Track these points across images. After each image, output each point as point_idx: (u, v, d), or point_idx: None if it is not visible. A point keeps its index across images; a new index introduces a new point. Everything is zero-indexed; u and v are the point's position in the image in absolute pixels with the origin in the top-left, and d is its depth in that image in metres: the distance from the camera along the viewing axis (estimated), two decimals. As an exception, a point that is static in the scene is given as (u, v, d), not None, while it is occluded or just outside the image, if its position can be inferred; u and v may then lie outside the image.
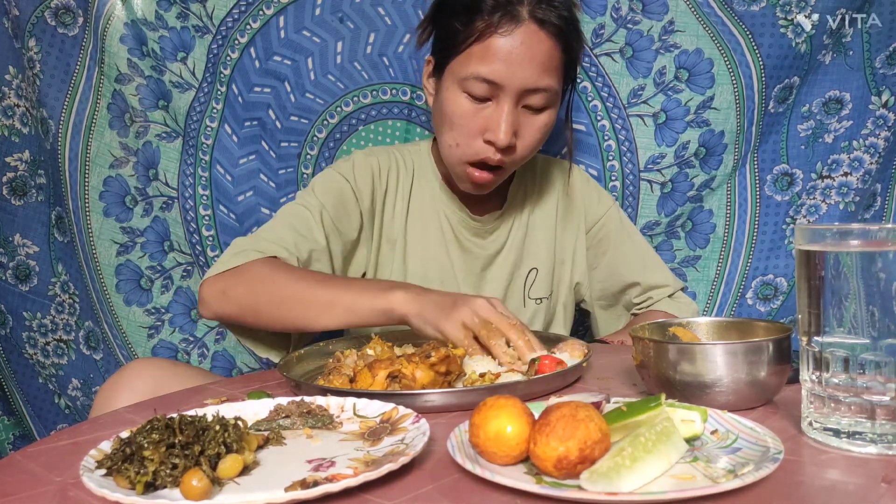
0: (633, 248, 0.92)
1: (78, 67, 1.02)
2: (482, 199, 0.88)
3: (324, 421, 0.50)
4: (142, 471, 0.39)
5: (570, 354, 0.66)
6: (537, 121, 0.76)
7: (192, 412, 0.46)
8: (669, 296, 0.92)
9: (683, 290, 0.96)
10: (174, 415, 0.44)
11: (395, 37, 1.01)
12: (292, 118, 1.04)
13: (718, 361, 0.50)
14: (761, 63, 0.96)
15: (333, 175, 0.83)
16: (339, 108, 1.03)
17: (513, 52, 0.71)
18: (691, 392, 0.51)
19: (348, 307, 0.68)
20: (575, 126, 1.01)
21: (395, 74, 1.02)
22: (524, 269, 0.89)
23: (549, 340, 0.74)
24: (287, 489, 0.38)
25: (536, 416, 0.42)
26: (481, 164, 0.76)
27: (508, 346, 0.63)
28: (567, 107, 0.84)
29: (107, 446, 0.44)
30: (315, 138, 1.04)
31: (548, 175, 0.92)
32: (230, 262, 0.73)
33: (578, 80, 1.00)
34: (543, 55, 0.72)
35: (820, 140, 1.02)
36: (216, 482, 0.40)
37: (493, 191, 0.87)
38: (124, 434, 0.44)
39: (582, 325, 1.11)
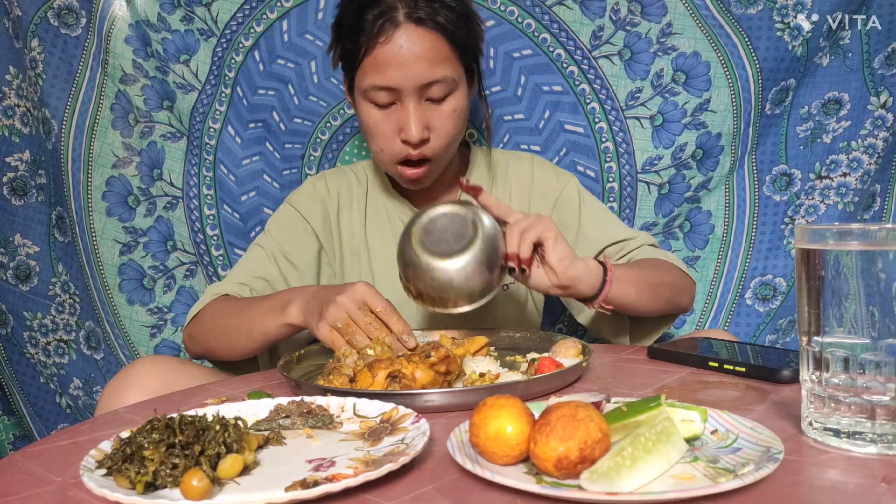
0: (600, 213, 0.91)
1: (81, 68, 1.02)
2: (433, 199, 0.90)
3: (324, 421, 0.51)
4: (142, 471, 0.39)
5: (566, 354, 0.67)
6: (444, 109, 0.79)
7: (192, 412, 0.46)
8: (643, 245, 0.88)
9: (654, 246, 0.90)
10: (174, 415, 0.44)
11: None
12: (296, 120, 1.04)
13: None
14: (758, 66, 0.97)
15: (284, 209, 0.91)
16: (341, 111, 1.04)
17: (398, 55, 0.75)
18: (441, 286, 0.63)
19: (261, 331, 0.74)
20: (573, 128, 1.02)
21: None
22: None
23: (545, 340, 0.74)
24: (287, 489, 0.38)
25: (536, 416, 0.42)
26: (407, 162, 0.80)
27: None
28: (479, 88, 0.87)
29: (107, 446, 0.44)
30: (318, 140, 1.05)
31: (501, 167, 0.93)
32: (195, 309, 0.82)
33: (577, 83, 1.00)
34: (428, 50, 0.75)
35: (818, 140, 1.02)
36: (216, 482, 0.40)
37: (445, 188, 0.90)
38: (124, 434, 0.44)
39: (581, 325, 1.11)
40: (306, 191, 0.91)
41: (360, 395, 0.54)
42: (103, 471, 0.41)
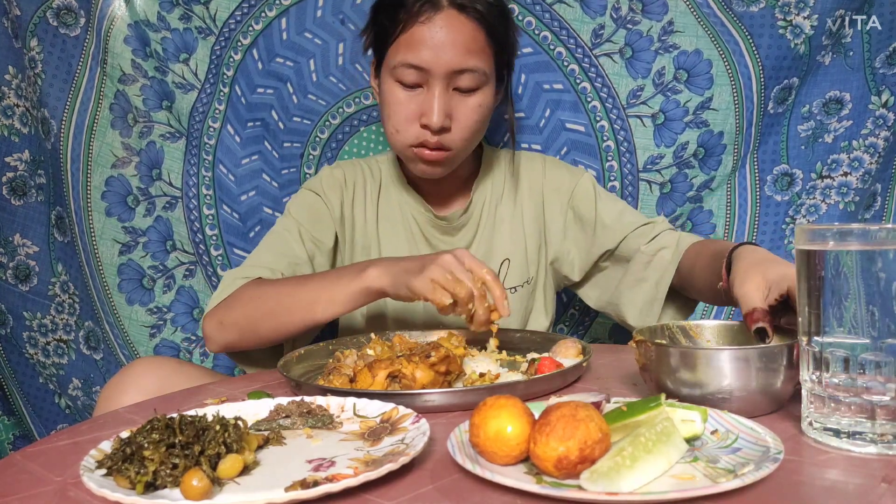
0: (615, 202, 0.91)
1: (80, 68, 1.02)
2: (447, 198, 0.90)
3: (324, 421, 0.51)
4: (142, 471, 0.39)
5: (566, 354, 0.67)
6: (470, 102, 0.78)
7: (192, 412, 0.46)
8: (664, 231, 0.87)
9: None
10: (174, 415, 0.44)
11: (395, 37, 1.01)
12: (295, 119, 1.04)
13: (726, 368, 0.48)
14: (760, 64, 0.96)
15: (304, 193, 0.89)
16: (340, 110, 1.04)
17: (434, 37, 0.75)
18: (696, 400, 0.49)
19: (329, 299, 0.71)
20: (574, 126, 1.01)
21: (396, 75, 1.02)
22: (495, 261, 0.90)
23: (545, 340, 0.74)
24: (287, 489, 0.38)
25: (536, 416, 0.42)
26: (424, 146, 0.79)
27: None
28: (506, 91, 0.86)
29: (107, 446, 0.44)
30: (317, 139, 1.05)
31: (515, 168, 0.93)
32: (221, 295, 0.78)
33: (578, 81, 1.00)
34: (466, 37, 0.76)
35: (820, 140, 1.02)
36: (216, 482, 0.40)
37: (458, 188, 0.89)
38: (124, 434, 0.44)
39: (582, 325, 1.11)
40: (326, 178, 0.90)
41: (360, 395, 0.54)
42: (103, 471, 0.41)
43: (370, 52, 0.85)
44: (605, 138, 1.01)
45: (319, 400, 0.53)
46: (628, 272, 0.85)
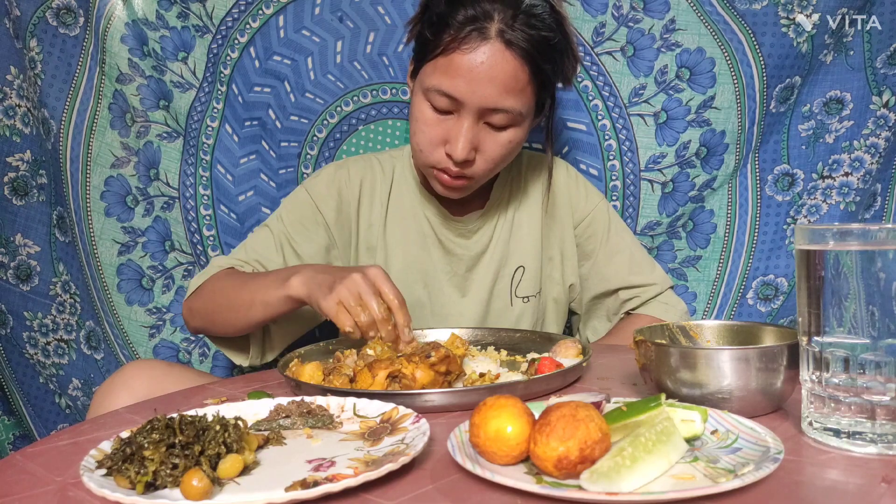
0: (621, 249, 0.90)
1: (79, 68, 1.02)
2: (463, 200, 0.87)
3: (324, 421, 0.51)
4: (142, 471, 0.40)
5: (566, 354, 0.67)
6: (499, 138, 0.75)
7: (192, 412, 0.46)
8: (657, 295, 0.90)
9: (672, 288, 0.93)
10: (174, 415, 0.44)
11: (394, 36, 1.01)
12: (292, 118, 1.04)
13: (726, 368, 0.48)
14: (763, 62, 0.96)
15: (299, 193, 0.87)
16: (338, 108, 1.03)
17: (474, 70, 0.70)
18: (696, 400, 0.49)
19: (263, 302, 0.72)
20: (575, 125, 1.01)
21: (395, 74, 1.02)
22: (510, 267, 0.88)
23: (545, 340, 0.74)
24: (287, 489, 0.38)
25: (536, 416, 0.42)
26: (444, 172, 0.77)
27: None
28: (547, 124, 0.84)
29: (107, 446, 0.44)
30: (315, 138, 1.04)
31: (534, 171, 0.91)
32: (198, 281, 0.80)
33: (579, 80, 1.00)
34: (507, 76, 0.71)
35: (821, 140, 1.01)
36: (216, 482, 0.40)
37: (473, 193, 0.86)
38: (124, 434, 0.44)
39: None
40: (325, 178, 0.86)
41: (360, 395, 0.54)
42: (103, 471, 0.41)
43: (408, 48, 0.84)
44: (606, 137, 1.01)
45: (319, 400, 0.53)
46: (604, 318, 0.92)
